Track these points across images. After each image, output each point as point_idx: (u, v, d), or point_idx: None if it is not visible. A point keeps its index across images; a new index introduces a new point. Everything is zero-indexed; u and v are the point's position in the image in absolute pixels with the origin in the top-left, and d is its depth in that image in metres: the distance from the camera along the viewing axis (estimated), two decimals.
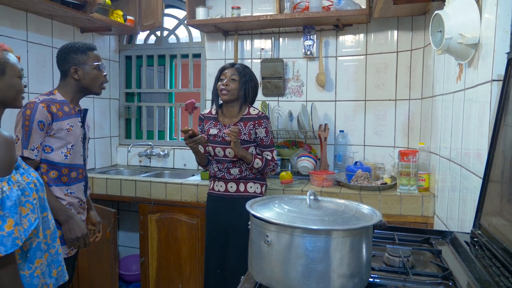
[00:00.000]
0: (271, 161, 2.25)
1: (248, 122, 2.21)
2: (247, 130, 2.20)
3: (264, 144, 2.24)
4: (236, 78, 2.19)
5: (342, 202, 1.10)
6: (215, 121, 2.28)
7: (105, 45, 3.37)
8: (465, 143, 1.59)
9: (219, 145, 2.23)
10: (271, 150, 2.26)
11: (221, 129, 2.23)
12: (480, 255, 1.12)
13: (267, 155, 2.25)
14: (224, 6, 3.13)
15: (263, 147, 2.25)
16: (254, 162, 2.18)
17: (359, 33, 2.88)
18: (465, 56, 1.49)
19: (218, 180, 2.28)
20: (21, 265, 1.33)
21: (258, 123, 2.21)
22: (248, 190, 2.25)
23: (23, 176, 1.32)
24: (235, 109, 2.25)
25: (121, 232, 3.42)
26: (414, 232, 1.41)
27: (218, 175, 2.27)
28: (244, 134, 2.20)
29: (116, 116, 3.55)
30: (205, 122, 2.33)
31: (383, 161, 2.76)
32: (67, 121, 1.82)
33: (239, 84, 2.19)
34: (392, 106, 2.82)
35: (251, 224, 1.02)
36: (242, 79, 2.19)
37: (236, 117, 2.24)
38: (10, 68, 1.37)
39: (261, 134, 2.22)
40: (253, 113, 2.24)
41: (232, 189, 2.25)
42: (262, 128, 2.22)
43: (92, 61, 1.88)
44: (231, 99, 2.20)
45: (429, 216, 2.24)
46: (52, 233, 1.49)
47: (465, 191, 1.59)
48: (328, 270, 0.89)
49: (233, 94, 2.19)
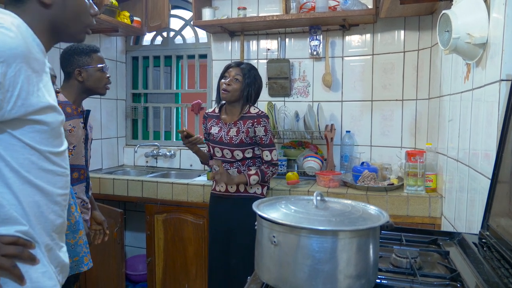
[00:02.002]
0: (269, 166, 2.24)
1: (247, 120, 2.21)
2: (245, 128, 2.20)
3: (263, 143, 2.22)
4: (239, 79, 2.19)
5: (349, 202, 1.10)
6: (217, 119, 2.30)
7: (112, 46, 3.39)
8: (473, 143, 1.58)
9: (217, 145, 2.24)
10: (270, 149, 2.24)
11: (222, 128, 2.25)
12: (488, 256, 1.11)
13: (266, 155, 2.24)
14: (230, 6, 3.14)
15: (262, 146, 2.23)
16: (250, 179, 2.19)
17: (366, 33, 2.87)
18: (473, 56, 1.48)
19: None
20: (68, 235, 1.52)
21: (257, 121, 2.20)
22: (248, 191, 2.25)
23: None
24: (236, 109, 2.25)
25: (128, 232, 3.44)
26: (422, 233, 1.40)
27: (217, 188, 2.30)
28: (242, 132, 2.20)
29: (122, 116, 3.57)
30: (208, 121, 2.35)
31: (390, 161, 2.74)
32: (69, 122, 1.83)
33: (242, 85, 2.19)
34: (399, 106, 2.80)
35: (257, 225, 1.02)
36: (245, 81, 2.19)
37: (237, 116, 2.25)
38: None
39: (260, 133, 2.21)
40: (253, 112, 2.24)
41: (232, 189, 2.26)
42: (261, 127, 2.20)
43: (96, 63, 1.90)
44: (231, 99, 2.21)
45: (437, 217, 2.23)
46: (72, 225, 1.62)
47: (473, 191, 1.58)
48: (335, 271, 0.89)
49: (233, 95, 2.19)
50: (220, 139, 2.22)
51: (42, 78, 0.97)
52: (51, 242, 1.04)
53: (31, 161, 0.98)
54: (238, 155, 2.21)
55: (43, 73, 0.98)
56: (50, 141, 1.01)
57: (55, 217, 1.04)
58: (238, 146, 2.20)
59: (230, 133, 2.21)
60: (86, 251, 1.73)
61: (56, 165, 1.03)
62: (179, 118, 3.58)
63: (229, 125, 2.23)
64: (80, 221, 1.70)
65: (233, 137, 2.20)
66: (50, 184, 1.02)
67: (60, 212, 1.06)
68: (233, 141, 2.20)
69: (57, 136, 1.03)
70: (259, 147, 2.25)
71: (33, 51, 0.94)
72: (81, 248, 1.69)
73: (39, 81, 0.95)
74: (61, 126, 1.04)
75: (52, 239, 1.05)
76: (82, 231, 1.70)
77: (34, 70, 0.93)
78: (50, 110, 0.98)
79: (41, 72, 0.97)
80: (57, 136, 1.03)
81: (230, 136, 2.21)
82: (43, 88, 0.96)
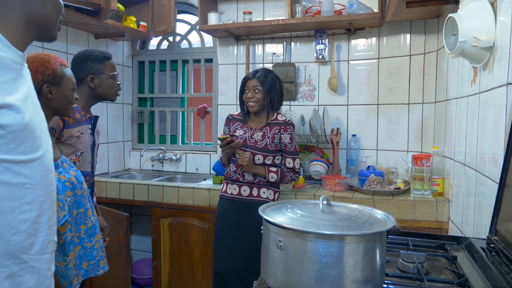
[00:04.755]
0: (290, 171, 2.26)
1: (274, 127, 2.25)
2: (272, 134, 2.24)
3: (287, 150, 2.25)
4: (259, 88, 2.23)
5: (355, 207, 1.09)
6: (242, 123, 2.33)
7: (119, 51, 3.41)
8: (480, 147, 1.57)
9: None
10: (293, 157, 2.27)
11: (247, 132, 2.27)
12: (496, 261, 1.10)
13: (288, 162, 2.26)
14: (236, 11, 3.15)
15: (286, 153, 2.26)
16: (269, 176, 2.21)
17: (371, 36, 2.87)
18: (480, 59, 1.47)
19: (232, 183, 2.29)
20: (57, 257, 1.48)
21: (283, 128, 2.24)
22: (261, 196, 2.25)
23: (61, 175, 1.50)
24: (263, 117, 2.30)
25: (134, 236, 3.44)
26: (429, 237, 1.40)
27: (233, 177, 2.28)
28: (268, 138, 2.23)
29: (129, 120, 3.59)
30: (232, 123, 2.37)
31: (396, 165, 2.73)
32: (77, 128, 1.83)
33: (263, 94, 2.23)
34: (405, 110, 2.79)
35: (263, 229, 1.02)
36: (265, 87, 2.23)
37: (263, 123, 2.28)
38: (66, 80, 1.54)
39: (286, 140, 2.24)
40: (280, 119, 2.29)
41: (246, 193, 2.26)
42: (287, 134, 2.24)
43: (108, 70, 1.91)
44: (259, 109, 2.25)
45: (444, 222, 2.21)
46: (88, 229, 1.64)
47: (480, 196, 1.56)
48: (342, 276, 0.89)
49: (260, 104, 2.24)
50: (244, 142, 2.24)
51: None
52: (15, 267, 0.89)
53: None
54: (258, 159, 2.23)
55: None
56: (11, 147, 0.85)
57: (24, 237, 0.90)
58: (262, 150, 2.22)
59: (254, 136, 2.24)
60: (103, 254, 1.74)
61: (22, 177, 0.88)
62: (185, 122, 3.59)
63: (255, 130, 2.27)
64: (97, 224, 1.71)
65: (258, 141, 2.23)
66: (13, 200, 0.87)
67: (31, 231, 0.91)
68: (257, 145, 2.23)
69: (22, 141, 0.87)
70: (283, 154, 2.28)
71: None
72: (97, 251, 1.70)
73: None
74: (28, 129, 0.89)
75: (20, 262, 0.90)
76: (99, 235, 1.71)
77: None
78: (6, 111, 0.83)
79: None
80: (21, 141, 0.87)
81: (254, 140, 2.24)
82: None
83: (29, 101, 0.92)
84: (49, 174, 0.96)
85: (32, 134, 0.90)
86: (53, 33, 1.03)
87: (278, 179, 2.23)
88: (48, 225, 0.97)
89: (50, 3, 0.99)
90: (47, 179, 0.95)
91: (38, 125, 0.93)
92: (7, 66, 0.87)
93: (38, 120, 0.95)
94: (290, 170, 2.27)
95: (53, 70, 1.50)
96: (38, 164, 0.92)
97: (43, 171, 0.94)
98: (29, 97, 0.93)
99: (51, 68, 1.50)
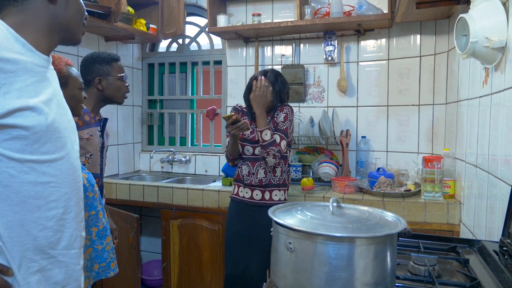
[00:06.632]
0: (276, 145, 2.14)
1: (275, 112, 2.24)
2: (272, 118, 2.23)
3: (278, 128, 2.19)
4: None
5: (366, 209, 1.09)
6: (250, 120, 2.27)
7: (128, 53, 3.44)
8: (493, 149, 1.55)
9: (248, 143, 2.24)
10: (281, 135, 2.17)
11: (254, 129, 2.23)
12: (509, 264, 1.09)
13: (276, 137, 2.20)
14: (245, 13, 3.16)
15: (275, 130, 2.19)
16: (264, 131, 2.13)
17: (381, 38, 2.85)
18: (492, 60, 1.45)
19: (244, 186, 2.27)
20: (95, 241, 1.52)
21: (280, 109, 2.22)
22: (273, 198, 2.23)
23: None
24: (270, 114, 2.26)
25: (144, 237, 3.46)
26: (440, 240, 1.38)
27: (246, 180, 2.25)
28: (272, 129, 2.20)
29: (138, 122, 3.61)
30: (240, 115, 2.33)
31: (407, 167, 2.71)
32: (86, 130, 1.84)
33: (273, 95, 2.21)
34: (415, 111, 2.77)
35: (273, 231, 1.02)
36: (275, 88, 2.21)
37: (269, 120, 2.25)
38: (73, 80, 1.55)
39: (279, 118, 2.20)
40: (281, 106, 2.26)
41: (258, 196, 2.24)
42: (282, 114, 2.21)
43: (116, 72, 1.92)
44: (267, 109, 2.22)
45: (455, 224, 2.19)
46: (100, 231, 1.65)
47: (493, 198, 1.54)
48: (352, 278, 0.88)
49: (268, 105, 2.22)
50: (253, 138, 2.22)
51: (17, 79, 0.87)
52: (44, 261, 0.94)
53: (10, 174, 0.87)
54: None
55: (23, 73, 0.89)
56: (35, 147, 0.89)
57: (51, 233, 0.94)
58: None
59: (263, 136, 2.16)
60: (113, 256, 1.74)
61: (47, 176, 0.91)
62: (194, 124, 3.61)
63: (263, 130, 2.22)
64: (108, 227, 1.71)
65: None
66: (39, 199, 0.91)
67: (58, 227, 0.96)
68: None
69: (45, 142, 0.91)
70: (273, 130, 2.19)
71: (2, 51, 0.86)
72: (108, 254, 1.70)
73: (13, 82, 0.86)
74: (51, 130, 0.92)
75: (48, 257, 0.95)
76: (109, 237, 1.72)
77: (2, 70, 0.85)
78: (28, 113, 0.87)
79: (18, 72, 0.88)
80: (45, 142, 0.90)
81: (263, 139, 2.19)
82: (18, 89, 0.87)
83: (53, 103, 0.95)
84: (74, 172, 1.00)
85: (56, 134, 0.93)
86: (77, 37, 1.07)
87: (268, 141, 2.12)
88: (75, 221, 1.01)
89: (73, 8, 1.03)
90: (72, 177, 0.99)
91: (62, 126, 0.97)
92: (31, 69, 0.91)
93: (62, 120, 0.98)
94: (274, 144, 2.15)
95: (59, 71, 1.49)
96: (63, 163, 0.96)
97: (68, 169, 0.97)
98: (53, 99, 0.96)
99: (56, 69, 1.49)
